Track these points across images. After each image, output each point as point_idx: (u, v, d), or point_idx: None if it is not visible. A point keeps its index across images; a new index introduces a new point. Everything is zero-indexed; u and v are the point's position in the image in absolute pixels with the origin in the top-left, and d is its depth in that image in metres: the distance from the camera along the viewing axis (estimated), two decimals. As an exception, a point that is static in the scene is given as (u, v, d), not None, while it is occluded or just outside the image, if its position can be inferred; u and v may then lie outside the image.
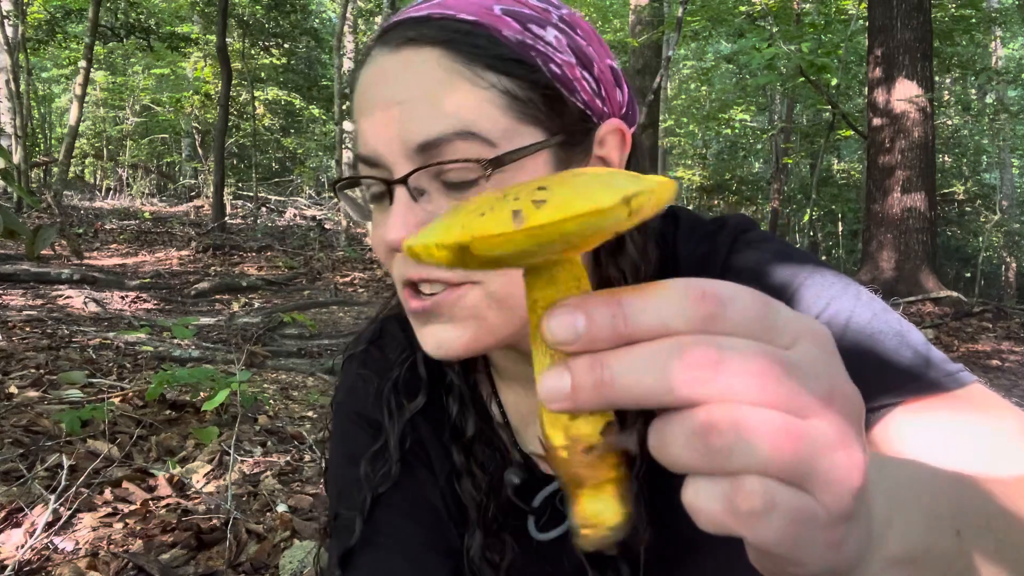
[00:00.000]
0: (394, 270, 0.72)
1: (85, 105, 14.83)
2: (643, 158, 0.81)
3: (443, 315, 0.69)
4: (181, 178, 22.58)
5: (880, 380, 0.65)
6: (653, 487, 0.76)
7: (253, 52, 18.13)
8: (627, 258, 0.77)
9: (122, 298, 6.77)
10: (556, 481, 0.80)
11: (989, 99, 19.51)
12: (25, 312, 5.46)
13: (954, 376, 0.65)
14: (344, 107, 13.88)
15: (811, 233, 17.15)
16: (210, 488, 2.40)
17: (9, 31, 12.60)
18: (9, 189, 12.01)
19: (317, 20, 23.21)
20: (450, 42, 0.66)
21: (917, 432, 0.63)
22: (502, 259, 0.34)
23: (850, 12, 12.20)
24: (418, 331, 0.71)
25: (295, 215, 16.77)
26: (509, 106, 0.67)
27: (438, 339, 0.70)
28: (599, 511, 0.36)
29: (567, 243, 0.33)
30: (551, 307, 0.34)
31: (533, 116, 0.68)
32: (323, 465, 0.93)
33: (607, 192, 0.32)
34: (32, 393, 3.15)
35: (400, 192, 0.67)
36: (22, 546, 1.87)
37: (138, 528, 2.05)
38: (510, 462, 0.84)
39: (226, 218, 13.35)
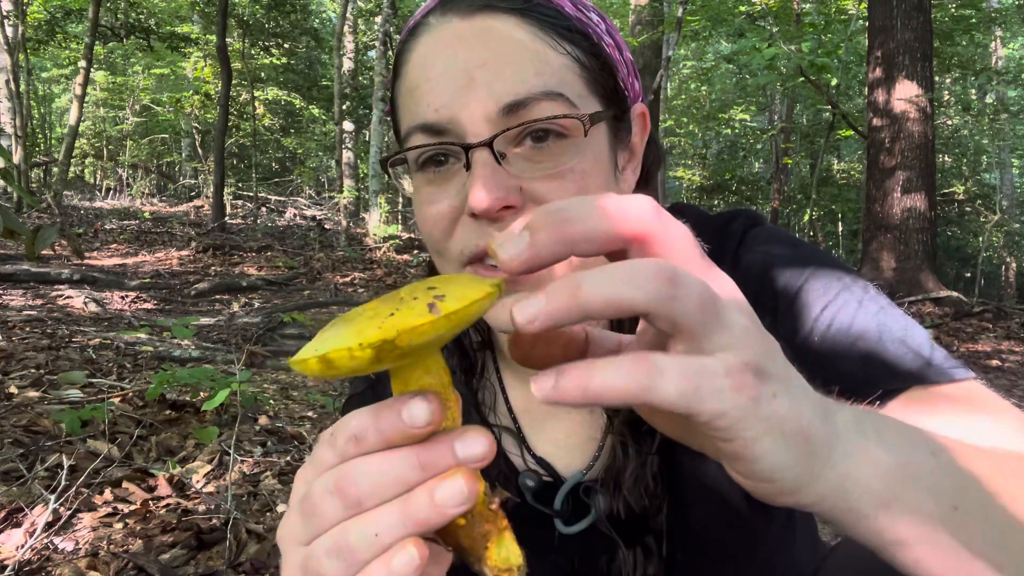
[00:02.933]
0: (455, 245, 0.70)
1: (85, 105, 14.83)
2: (655, 145, 0.83)
3: (524, 285, 0.67)
4: (181, 178, 22.57)
5: (883, 374, 0.65)
6: (671, 469, 0.77)
7: (253, 52, 18.13)
8: None
9: (122, 298, 6.77)
10: (572, 478, 0.81)
11: (989, 99, 19.50)
12: (25, 312, 5.46)
13: (952, 372, 0.65)
14: (344, 107, 13.88)
15: (811, 233, 17.13)
16: (210, 488, 2.39)
17: (9, 31, 12.59)
18: (9, 189, 12.01)
19: (317, 20, 23.21)
20: (525, 11, 0.68)
21: (910, 421, 0.63)
22: (422, 346, 0.39)
23: (850, 12, 12.20)
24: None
25: (295, 215, 16.77)
26: (581, 74, 0.70)
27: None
28: (507, 555, 0.43)
29: (468, 324, 0.40)
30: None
31: (595, 87, 0.71)
32: None
33: (481, 285, 0.39)
34: (32, 393, 3.15)
35: (483, 156, 0.65)
36: (22, 546, 1.87)
37: (138, 528, 2.05)
38: (515, 468, 0.84)
39: (226, 218, 13.36)
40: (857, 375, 0.66)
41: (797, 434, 0.39)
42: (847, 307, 0.69)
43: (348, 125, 16.21)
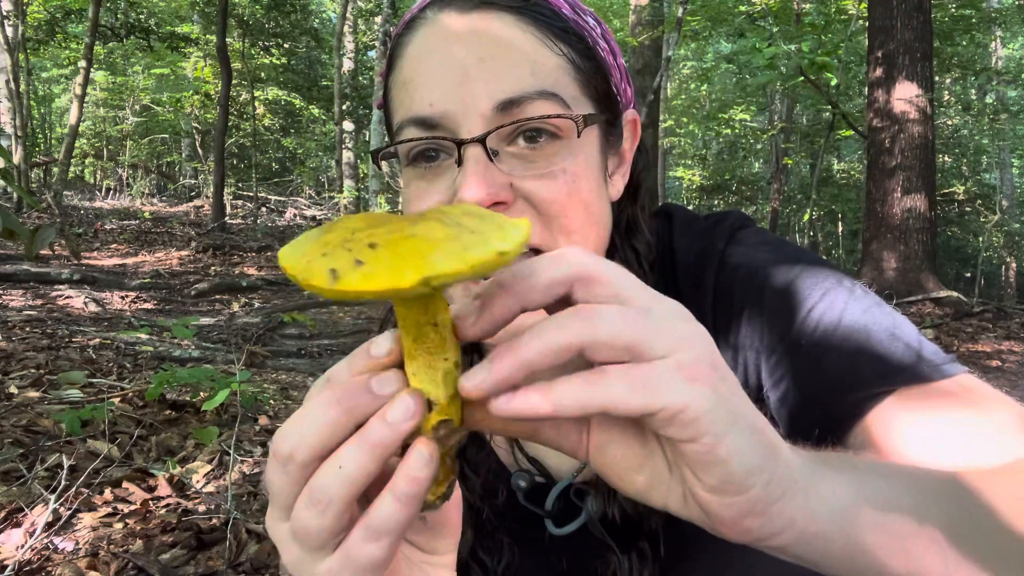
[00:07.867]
0: None
1: (85, 105, 14.82)
2: (645, 151, 0.83)
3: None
4: (181, 178, 22.55)
5: (873, 370, 0.65)
6: None
7: (253, 52, 18.12)
8: (641, 238, 0.79)
9: (122, 298, 6.76)
10: (565, 480, 0.81)
11: (989, 99, 19.49)
12: (25, 312, 5.46)
13: (944, 367, 0.65)
14: (344, 107, 13.87)
15: (811, 233, 17.14)
16: (210, 488, 2.39)
17: (9, 31, 12.59)
18: (9, 189, 12.00)
19: (317, 20, 23.20)
20: (522, 9, 0.68)
21: (906, 421, 0.64)
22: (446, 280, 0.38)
23: (850, 12, 12.19)
24: None
25: (295, 215, 16.76)
26: (575, 75, 0.70)
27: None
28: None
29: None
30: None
31: (589, 90, 0.71)
32: None
33: (490, 246, 0.37)
34: (32, 393, 3.15)
35: (475, 152, 0.65)
36: (22, 546, 1.87)
37: (138, 528, 2.05)
38: (506, 468, 0.84)
39: (226, 218, 13.35)
40: (847, 375, 0.66)
41: (757, 431, 0.40)
42: (835, 306, 0.69)
43: (348, 125, 16.21)
